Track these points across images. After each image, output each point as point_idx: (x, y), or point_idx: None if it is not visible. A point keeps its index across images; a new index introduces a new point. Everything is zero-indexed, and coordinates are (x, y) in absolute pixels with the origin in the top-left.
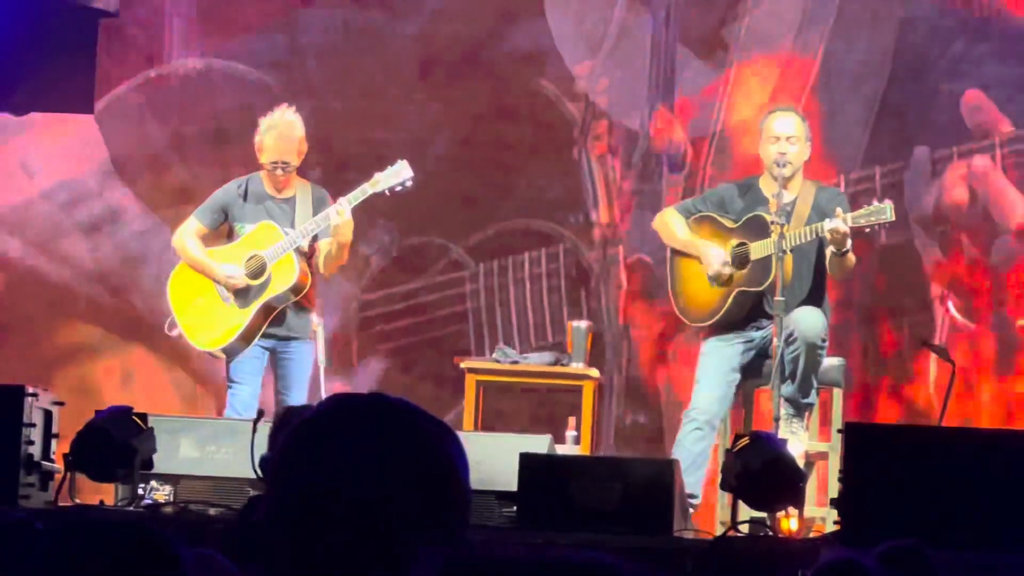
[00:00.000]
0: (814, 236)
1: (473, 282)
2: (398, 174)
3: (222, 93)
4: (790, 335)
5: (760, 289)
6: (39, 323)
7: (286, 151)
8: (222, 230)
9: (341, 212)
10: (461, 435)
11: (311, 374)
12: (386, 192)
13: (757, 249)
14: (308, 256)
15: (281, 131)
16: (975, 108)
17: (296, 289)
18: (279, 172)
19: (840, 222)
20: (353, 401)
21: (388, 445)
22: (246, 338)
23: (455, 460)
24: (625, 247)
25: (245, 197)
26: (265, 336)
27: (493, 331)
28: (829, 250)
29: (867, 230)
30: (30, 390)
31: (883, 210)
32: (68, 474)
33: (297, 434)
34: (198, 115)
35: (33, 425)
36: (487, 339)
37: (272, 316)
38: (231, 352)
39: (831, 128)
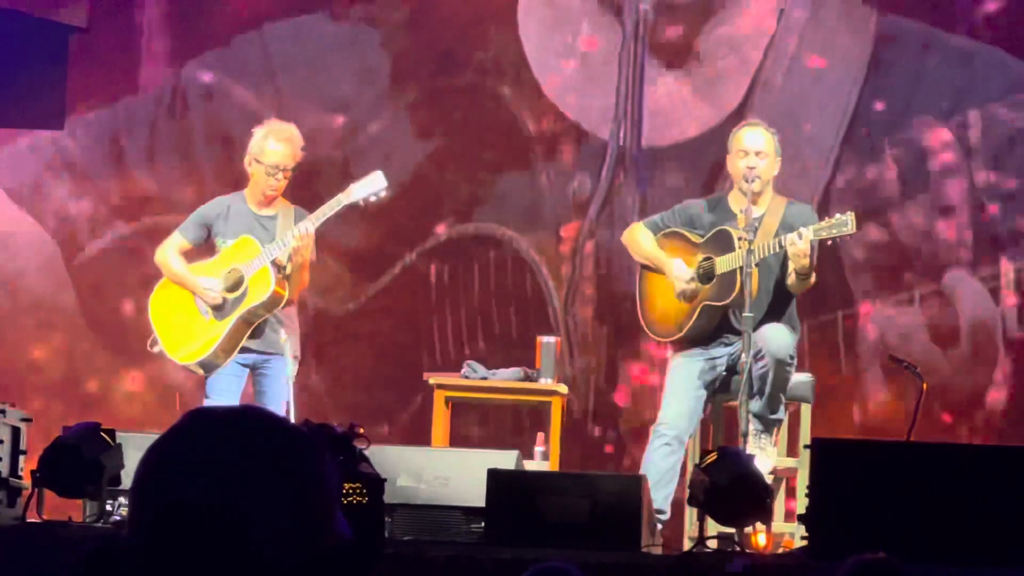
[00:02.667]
0: (779, 249)
1: (438, 290)
2: (373, 184)
3: (195, 107)
4: (758, 352)
5: (726, 303)
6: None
7: (287, 155)
8: (206, 246)
9: (299, 231)
10: (428, 451)
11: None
12: (360, 203)
13: (722, 263)
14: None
15: (283, 135)
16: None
17: (272, 302)
18: (278, 177)
19: (799, 240)
20: (210, 414)
21: (243, 457)
22: (224, 351)
23: (314, 470)
24: (593, 261)
25: (228, 214)
26: (245, 351)
27: (457, 341)
28: (792, 272)
29: (829, 242)
30: None
31: (845, 222)
32: (36, 490)
33: (152, 449)
34: (170, 129)
35: (1, 441)
36: (452, 349)
37: (251, 329)
38: (208, 367)
39: (801, 138)
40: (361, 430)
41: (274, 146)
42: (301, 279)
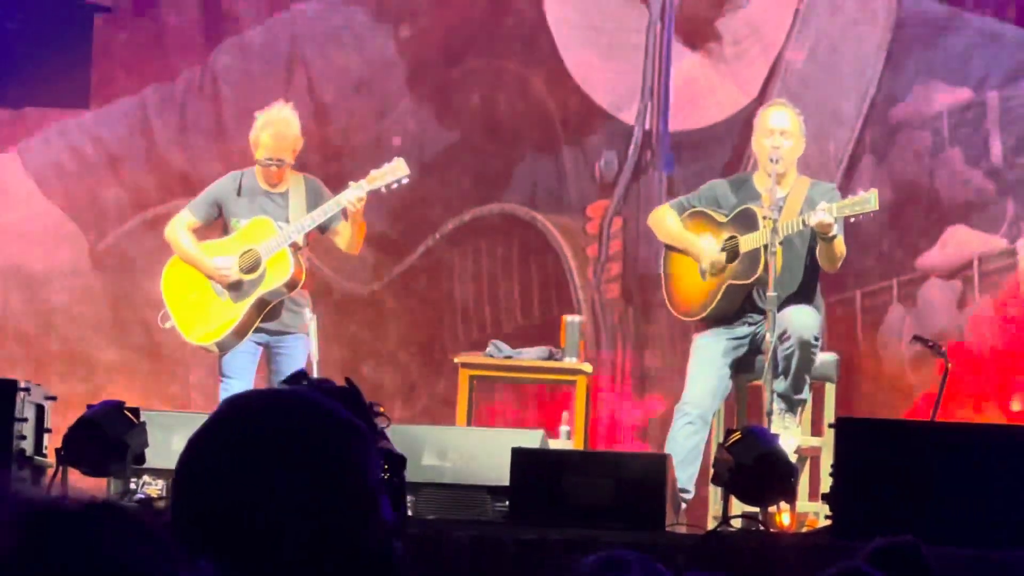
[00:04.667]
0: (802, 227)
1: (462, 271)
2: (395, 171)
3: (219, 89)
4: (783, 333)
5: (750, 282)
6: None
7: (281, 148)
8: (217, 224)
9: (359, 197)
10: (453, 430)
11: (305, 369)
12: (382, 190)
13: (747, 242)
14: (317, 240)
15: (277, 128)
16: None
17: (291, 284)
18: (273, 168)
19: (824, 214)
20: (246, 402)
21: (281, 445)
22: (239, 332)
23: (355, 459)
24: (621, 240)
25: (239, 192)
26: (258, 331)
27: (482, 322)
28: (821, 246)
29: (852, 219)
30: (22, 384)
31: (868, 199)
32: (60, 469)
33: (193, 441)
34: (197, 111)
35: (25, 420)
36: (475, 329)
37: (266, 311)
38: (224, 346)
39: (820, 121)
40: (381, 408)
41: (268, 139)
42: (361, 234)
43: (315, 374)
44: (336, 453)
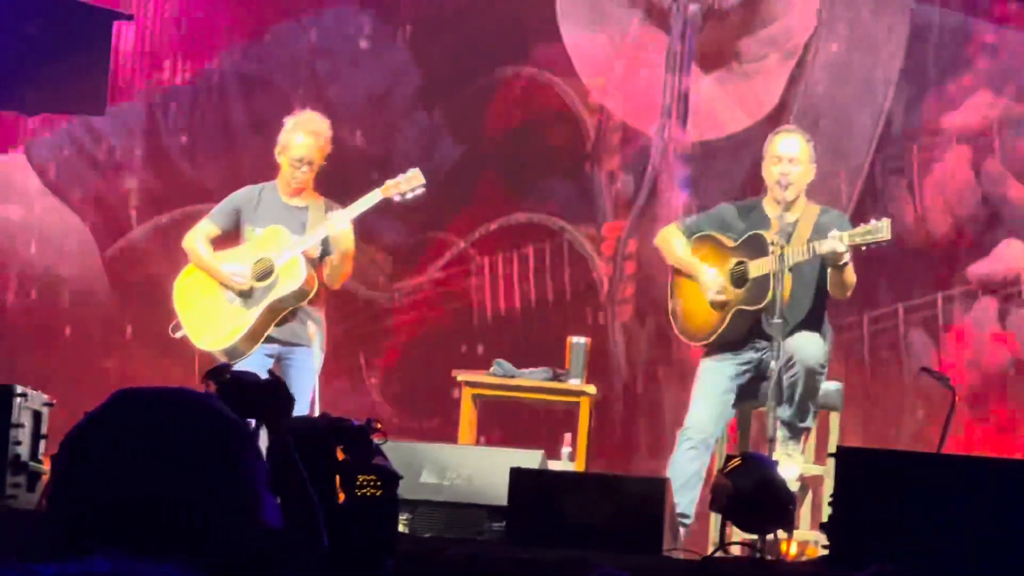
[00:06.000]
0: (811, 255)
1: (479, 279)
2: (410, 181)
3: (232, 98)
4: (789, 360)
5: (758, 308)
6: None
7: (312, 149)
8: (234, 235)
9: (338, 225)
10: (453, 448)
11: (313, 382)
12: (396, 199)
13: (755, 268)
14: (318, 263)
15: (310, 128)
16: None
17: (302, 293)
18: (303, 170)
19: (837, 243)
20: (135, 395)
21: (166, 439)
22: (251, 339)
23: (239, 457)
24: (635, 261)
25: (259, 202)
26: (269, 341)
27: (490, 339)
28: (832, 274)
29: (863, 248)
30: (19, 390)
31: (880, 228)
32: None
33: (76, 431)
34: (207, 120)
35: (21, 426)
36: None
37: (278, 319)
38: (233, 354)
39: (836, 139)
40: (378, 424)
41: (301, 139)
42: (344, 270)
43: (316, 387)
44: (215, 449)
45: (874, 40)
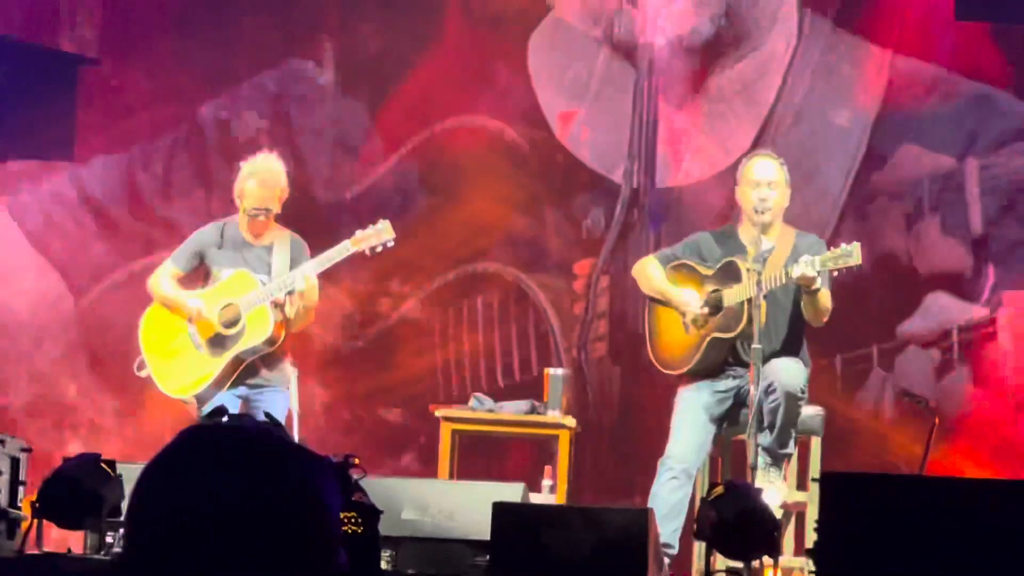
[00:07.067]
0: (786, 280)
1: (447, 326)
2: (380, 235)
3: (205, 141)
4: (769, 386)
5: (733, 335)
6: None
7: (267, 198)
8: (199, 273)
9: (307, 278)
10: (434, 483)
11: (284, 423)
12: (366, 252)
13: (730, 295)
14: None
15: (263, 177)
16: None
17: (271, 341)
18: (260, 218)
19: (807, 267)
20: (208, 433)
21: (243, 478)
22: (218, 385)
23: (319, 494)
24: (607, 298)
25: (222, 242)
26: (236, 384)
27: (463, 375)
28: (805, 299)
29: (835, 273)
30: None
31: (850, 252)
32: (35, 522)
33: (150, 470)
34: (182, 166)
35: (0, 473)
36: (456, 383)
37: (243, 366)
38: (203, 398)
39: (811, 181)
40: (357, 460)
41: (254, 188)
42: (307, 319)
43: (295, 428)
44: (298, 483)
45: (848, 84)
